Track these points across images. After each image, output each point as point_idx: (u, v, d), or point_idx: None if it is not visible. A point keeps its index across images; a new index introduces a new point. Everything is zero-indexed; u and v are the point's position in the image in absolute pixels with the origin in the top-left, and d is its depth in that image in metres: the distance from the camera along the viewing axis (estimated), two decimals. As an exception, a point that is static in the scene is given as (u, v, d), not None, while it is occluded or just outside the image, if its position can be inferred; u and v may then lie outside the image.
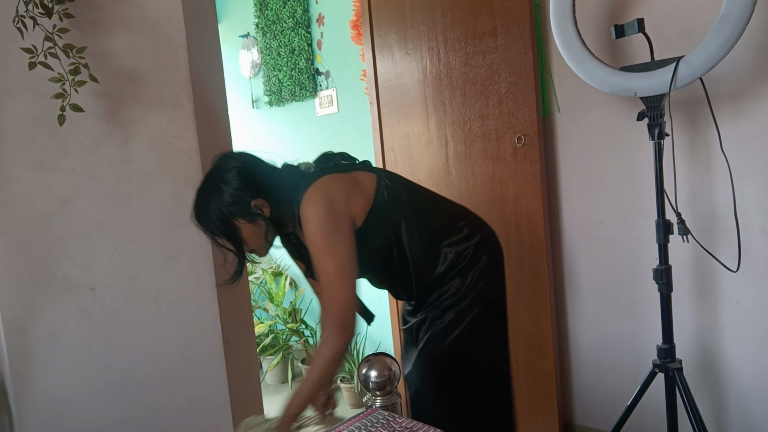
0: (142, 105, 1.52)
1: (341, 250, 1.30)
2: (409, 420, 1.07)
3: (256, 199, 1.33)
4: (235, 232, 1.33)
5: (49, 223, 1.45)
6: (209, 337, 1.64)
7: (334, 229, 1.30)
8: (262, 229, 1.35)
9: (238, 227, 1.33)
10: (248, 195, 1.32)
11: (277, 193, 1.36)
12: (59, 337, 1.48)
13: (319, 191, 1.33)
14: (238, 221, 1.32)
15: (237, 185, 1.32)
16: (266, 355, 3.33)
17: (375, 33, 2.61)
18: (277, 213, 1.36)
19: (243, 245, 1.36)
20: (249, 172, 1.35)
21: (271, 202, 1.35)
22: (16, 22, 1.27)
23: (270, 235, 1.38)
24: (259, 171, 1.38)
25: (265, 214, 1.34)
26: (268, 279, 3.40)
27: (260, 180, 1.36)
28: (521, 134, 2.16)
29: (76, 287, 1.49)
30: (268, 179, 1.37)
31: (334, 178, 1.38)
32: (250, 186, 1.33)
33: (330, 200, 1.32)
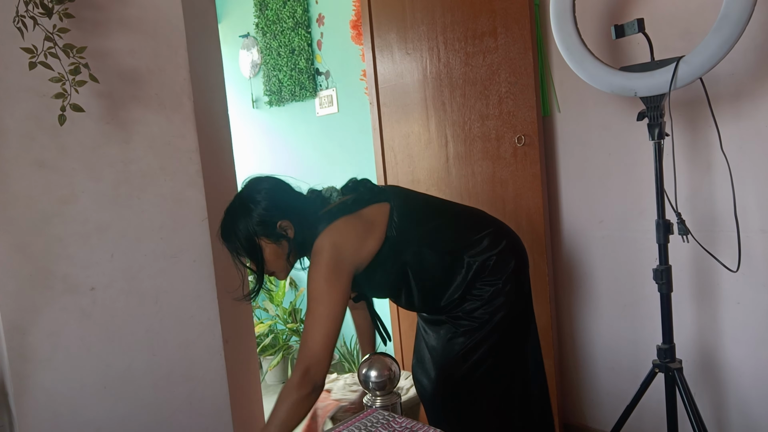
0: (142, 105, 1.52)
1: (336, 300, 1.31)
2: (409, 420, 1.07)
3: (282, 221, 1.37)
4: (259, 252, 1.38)
5: (49, 223, 1.45)
6: (209, 337, 1.64)
7: (334, 278, 1.32)
8: (285, 250, 1.40)
9: (262, 247, 1.38)
10: (275, 216, 1.37)
11: (302, 217, 1.40)
12: (59, 337, 1.48)
13: (331, 236, 1.36)
14: (262, 241, 1.37)
15: (265, 206, 1.37)
16: (266, 355, 3.33)
17: (375, 33, 2.61)
18: (301, 237, 1.40)
19: (264, 266, 1.40)
20: (277, 194, 1.41)
21: (295, 225, 1.39)
22: (16, 22, 1.27)
23: (292, 257, 1.42)
24: (287, 194, 1.43)
25: (289, 236, 1.39)
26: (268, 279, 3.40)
27: (287, 203, 1.41)
28: (521, 134, 2.15)
29: (76, 287, 1.49)
30: (294, 203, 1.42)
31: (349, 222, 1.40)
32: (277, 207, 1.38)
33: (339, 248, 1.34)
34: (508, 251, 1.49)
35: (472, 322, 1.45)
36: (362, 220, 1.42)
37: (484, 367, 1.45)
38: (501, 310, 1.44)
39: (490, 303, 1.44)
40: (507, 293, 1.45)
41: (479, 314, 1.44)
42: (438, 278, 1.45)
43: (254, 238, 1.37)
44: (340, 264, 1.33)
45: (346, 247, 1.36)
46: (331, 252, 1.33)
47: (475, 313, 1.45)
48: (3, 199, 1.40)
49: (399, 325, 2.75)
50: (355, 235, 1.39)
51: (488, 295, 1.44)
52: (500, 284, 1.45)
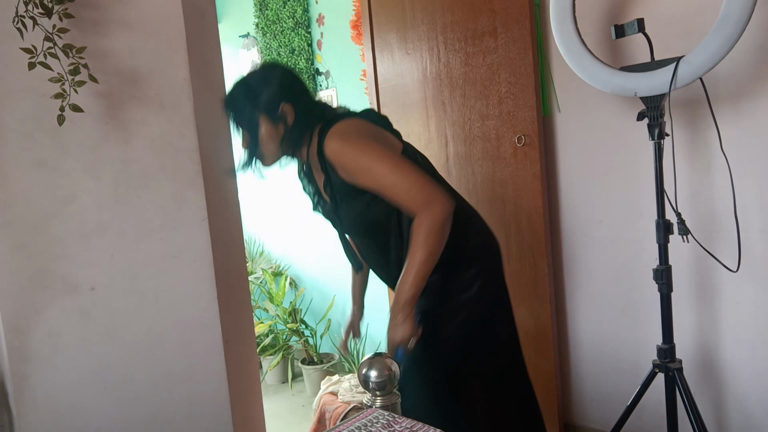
0: (142, 105, 1.52)
1: (384, 152, 1.33)
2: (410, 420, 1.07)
3: (284, 104, 1.41)
4: (256, 128, 1.42)
5: (49, 223, 1.45)
6: (209, 337, 1.64)
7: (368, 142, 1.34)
8: (280, 134, 1.43)
9: (260, 124, 1.42)
10: (280, 97, 1.41)
11: (305, 107, 1.44)
12: (59, 337, 1.48)
13: (345, 125, 1.38)
14: (262, 118, 1.41)
15: (276, 85, 1.42)
16: (266, 355, 3.33)
17: (375, 33, 2.61)
18: (298, 128, 1.43)
19: (258, 143, 1.44)
20: (289, 79, 1.46)
21: (296, 112, 1.42)
22: (15, 22, 1.27)
23: (285, 145, 1.45)
24: (298, 84, 1.48)
25: (288, 121, 1.42)
26: (268, 279, 3.40)
27: (295, 90, 1.45)
28: (521, 134, 2.15)
29: (76, 287, 1.49)
30: (302, 94, 1.47)
31: (363, 122, 1.43)
32: (286, 90, 1.43)
33: (358, 129, 1.38)
34: (487, 250, 1.53)
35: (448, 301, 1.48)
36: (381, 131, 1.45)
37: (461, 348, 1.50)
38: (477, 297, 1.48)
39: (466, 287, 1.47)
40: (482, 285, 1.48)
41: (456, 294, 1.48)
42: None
43: (256, 113, 1.41)
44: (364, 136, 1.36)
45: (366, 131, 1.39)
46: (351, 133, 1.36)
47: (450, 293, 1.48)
48: (3, 199, 1.40)
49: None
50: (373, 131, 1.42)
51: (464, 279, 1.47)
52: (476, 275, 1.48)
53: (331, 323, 3.28)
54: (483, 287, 1.47)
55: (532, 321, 2.22)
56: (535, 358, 2.23)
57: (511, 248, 2.25)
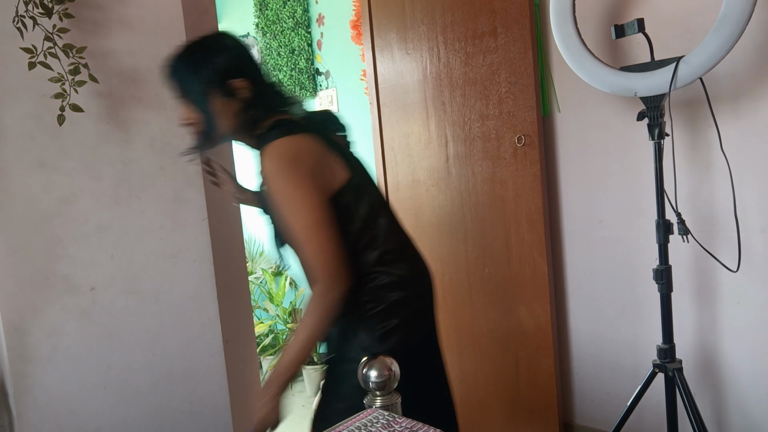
0: (142, 105, 1.52)
1: (312, 203, 1.20)
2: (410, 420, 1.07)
3: (239, 79, 1.26)
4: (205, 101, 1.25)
5: (49, 223, 1.45)
6: (209, 337, 1.64)
7: (301, 183, 1.20)
8: (232, 110, 1.27)
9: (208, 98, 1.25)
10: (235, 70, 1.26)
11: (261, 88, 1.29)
12: (59, 337, 1.48)
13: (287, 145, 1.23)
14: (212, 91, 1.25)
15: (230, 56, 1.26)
16: (266, 355, 3.33)
17: (375, 33, 2.61)
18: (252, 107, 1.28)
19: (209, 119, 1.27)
20: (246, 54, 1.30)
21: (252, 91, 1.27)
22: (15, 22, 1.28)
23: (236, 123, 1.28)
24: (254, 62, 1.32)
25: (242, 97, 1.26)
26: (268, 279, 3.40)
27: (252, 68, 1.30)
28: (521, 134, 2.15)
29: (76, 287, 1.49)
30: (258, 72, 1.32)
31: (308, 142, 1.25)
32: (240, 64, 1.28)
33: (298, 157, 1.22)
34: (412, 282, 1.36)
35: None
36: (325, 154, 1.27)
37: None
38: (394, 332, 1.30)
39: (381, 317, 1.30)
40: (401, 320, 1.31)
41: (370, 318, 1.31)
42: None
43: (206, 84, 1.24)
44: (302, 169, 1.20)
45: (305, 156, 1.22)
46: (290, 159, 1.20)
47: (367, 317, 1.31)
48: (3, 199, 1.40)
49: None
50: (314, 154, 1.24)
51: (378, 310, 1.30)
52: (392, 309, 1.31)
53: (331, 323, 3.28)
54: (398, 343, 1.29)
55: (532, 321, 2.22)
56: (535, 358, 2.24)
57: (511, 248, 2.25)
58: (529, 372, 2.27)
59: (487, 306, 2.37)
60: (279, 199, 1.22)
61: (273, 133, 1.25)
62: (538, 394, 2.26)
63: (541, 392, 2.25)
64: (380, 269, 1.31)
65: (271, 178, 1.21)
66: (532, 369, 2.25)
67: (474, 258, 2.37)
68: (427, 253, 1.44)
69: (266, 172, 1.22)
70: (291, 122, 1.29)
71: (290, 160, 1.21)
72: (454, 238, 2.42)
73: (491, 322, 2.36)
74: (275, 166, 1.21)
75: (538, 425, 2.26)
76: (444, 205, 2.45)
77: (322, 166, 1.26)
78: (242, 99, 1.27)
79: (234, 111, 1.28)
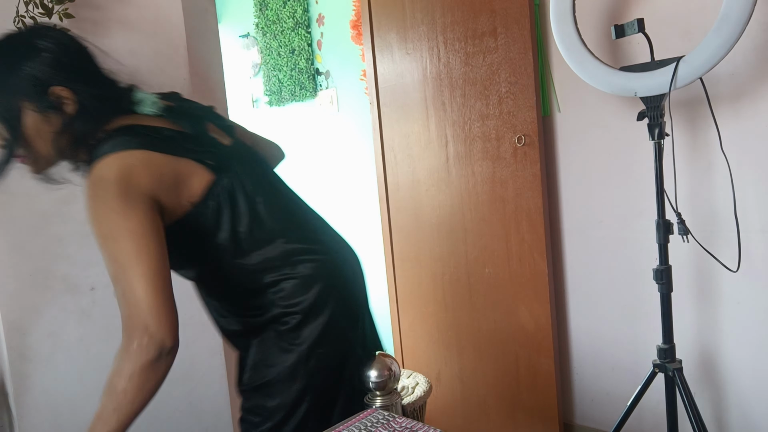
0: (142, 105, 1.52)
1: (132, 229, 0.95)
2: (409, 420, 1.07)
3: (60, 87, 1.01)
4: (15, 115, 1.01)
5: (49, 223, 1.45)
6: (209, 337, 1.64)
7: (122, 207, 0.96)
8: (52, 128, 1.03)
9: (22, 112, 1.01)
10: (52, 77, 1.01)
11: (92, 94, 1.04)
12: (59, 337, 1.48)
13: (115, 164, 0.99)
14: (25, 103, 1.01)
15: (45, 59, 1.01)
16: (266, 355, 3.32)
17: (375, 33, 2.61)
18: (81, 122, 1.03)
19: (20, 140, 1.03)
20: (68, 52, 1.05)
21: (79, 102, 1.03)
22: (16, 22, 1.28)
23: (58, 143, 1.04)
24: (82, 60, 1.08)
25: (66, 110, 1.02)
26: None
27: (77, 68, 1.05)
28: (521, 134, 2.16)
29: (76, 287, 1.49)
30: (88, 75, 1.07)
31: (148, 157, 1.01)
32: (60, 67, 1.02)
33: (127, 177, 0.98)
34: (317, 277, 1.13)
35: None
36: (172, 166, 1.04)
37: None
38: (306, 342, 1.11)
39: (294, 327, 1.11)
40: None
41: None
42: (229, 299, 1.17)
43: (15, 96, 1.00)
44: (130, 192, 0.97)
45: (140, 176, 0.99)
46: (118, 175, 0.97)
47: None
48: (3, 199, 1.40)
49: (399, 325, 2.75)
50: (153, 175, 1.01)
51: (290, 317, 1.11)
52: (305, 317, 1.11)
53: (331, 323, 3.28)
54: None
55: (532, 321, 2.22)
56: (535, 358, 2.24)
57: (511, 248, 2.25)
58: (529, 372, 2.27)
59: (487, 306, 2.37)
60: (93, 230, 0.99)
61: (103, 148, 1.01)
62: (538, 394, 2.26)
63: (541, 392, 2.25)
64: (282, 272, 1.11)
65: (88, 203, 0.99)
66: (532, 369, 2.25)
67: (474, 258, 2.37)
68: (427, 253, 1.45)
69: (86, 196, 0.99)
70: (131, 130, 1.05)
71: (115, 181, 0.97)
72: (454, 238, 2.42)
73: (491, 322, 2.36)
74: (92, 190, 0.99)
75: (538, 425, 2.27)
76: (444, 205, 2.45)
77: (170, 178, 1.03)
78: (64, 112, 1.03)
79: (56, 127, 1.03)
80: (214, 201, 1.07)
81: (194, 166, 1.06)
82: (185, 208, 1.05)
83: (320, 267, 1.14)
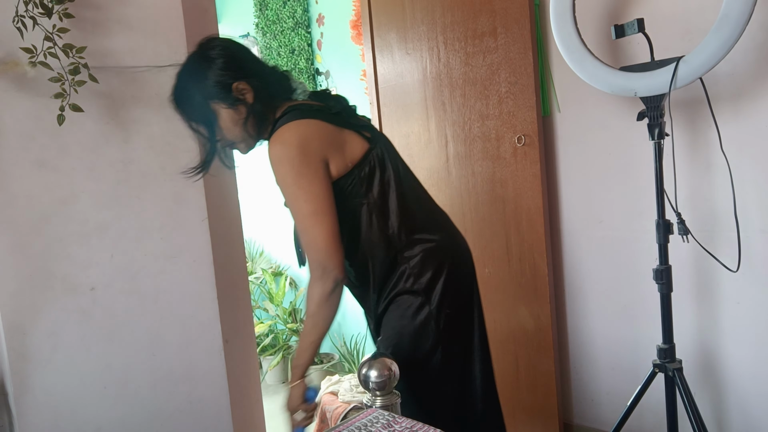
0: (142, 105, 1.52)
1: (315, 191, 1.22)
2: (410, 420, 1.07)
3: (238, 82, 1.27)
4: (212, 118, 1.28)
5: (49, 223, 1.45)
6: (209, 337, 1.64)
7: (306, 170, 1.22)
8: (242, 116, 1.29)
9: (217, 113, 1.28)
10: (230, 77, 1.26)
11: (262, 82, 1.30)
12: (59, 337, 1.48)
13: (294, 131, 1.25)
14: (217, 105, 1.27)
15: (220, 65, 1.26)
16: (266, 355, 3.33)
17: (375, 33, 2.61)
18: (260, 104, 1.29)
19: (220, 134, 1.31)
20: (234, 53, 1.30)
21: (254, 89, 1.28)
22: (15, 22, 1.28)
23: (250, 125, 1.30)
24: (245, 56, 1.33)
25: (247, 100, 1.28)
26: (268, 279, 3.40)
27: (245, 64, 1.30)
28: (521, 134, 2.16)
29: (76, 287, 1.49)
30: (254, 66, 1.32)
31: (319, 125, 1.27)
32: (233, 67, 1.27)
33: (305, 142, 1.23)
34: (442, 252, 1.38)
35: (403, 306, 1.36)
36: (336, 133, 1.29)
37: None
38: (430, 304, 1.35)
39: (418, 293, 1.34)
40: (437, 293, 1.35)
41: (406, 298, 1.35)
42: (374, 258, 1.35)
43: (208, 102, 1.27)
44: (308, 156, 1.22)
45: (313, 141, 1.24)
46: (296, 146, 1.22)
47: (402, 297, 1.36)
48: (3, 199, 1.40)
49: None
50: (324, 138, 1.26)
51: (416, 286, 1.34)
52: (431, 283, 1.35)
53: (331, 323, 3.28)
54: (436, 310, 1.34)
55: (532, 321, 2.22)
56: (535, 358, 2.24)
57: (511, 248, 2.25)
58: (529, 372, 2.27)
59: (487, 306, 2.35)
60: (283, 187, 1.25)
61: (281, 120, 1.28)
62: (537, 393, 2.26)
63: (540, 392, 2.25)
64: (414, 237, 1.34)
65: (276, 166, 1.24)
66: (532, 369, 2.25)
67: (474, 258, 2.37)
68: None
69: (272, 160, 1.24)
70: (299, 107, 1.30)
71: (296, 146, 1.23)
72: (454, 238, 2.42)
73: (491, 323, 2.35)
74: (279, 153, 1.24)
75: (538, 425, 2.27)
76: (444, 205, 2.42)
77: (337, 143, 1.28)
78: (247, 102, 1.28)
79: (243, 115, 1.29)
80: (369, 164, 1.31)
81: (354, 136, 1.32)
82: (348, 168, 1.29)
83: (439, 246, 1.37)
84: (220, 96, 1.27)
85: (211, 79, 1.26)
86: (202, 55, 1.29)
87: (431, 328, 1.33)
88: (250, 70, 1.30)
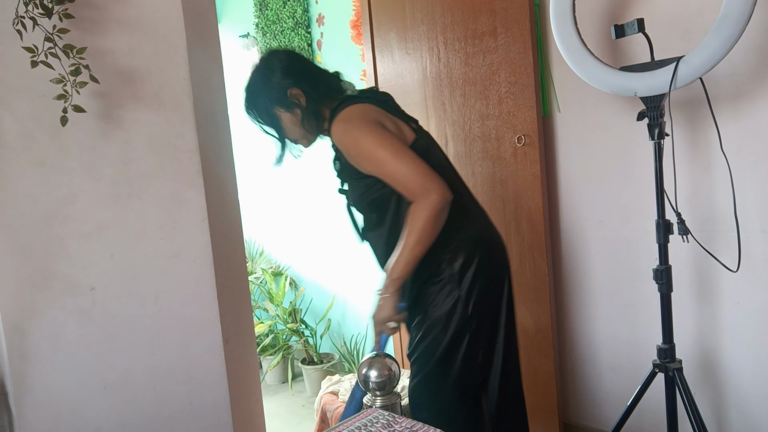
0: (142, 105, 1.52)
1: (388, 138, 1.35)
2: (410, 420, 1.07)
3: (292, 89, 1.48)
4: (276, 121, 1.51)
5: (49, 223, 1.45)
6: (209, 337, 1.64)
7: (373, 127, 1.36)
8: (299, 117, 1.50)
9: (279, 116, 1.51)
10: (287, 84, 1.48)
11: (314, 85, 1.50)
12: (59, 337, 1.48)
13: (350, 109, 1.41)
14: (278, 110, 1.50)
15: (280, 75, 1.48)
16: (266, 355, 3.33)
17: (375, 33, 2.61)
18: (312, 104, 1.48)
19: (285, 134, 1.54)
20: (291, 63, 1.51)
21: (306, 93, 1.48)
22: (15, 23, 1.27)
23: (308, 125, 1.50)
24: (301, 64, 1.54)
25: (302, 103, 1.49)
26: (268, 279, 3.40)
27: (300, 72, 1.51)
28: (521, 134, 2.16)
29: (76, 287, 1.49)
30: (305, 72, 1.52)
31: (372, 107, 1.44)
32: (289, 75, 1.49)
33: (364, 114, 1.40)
34: (481, 245, 1.49)
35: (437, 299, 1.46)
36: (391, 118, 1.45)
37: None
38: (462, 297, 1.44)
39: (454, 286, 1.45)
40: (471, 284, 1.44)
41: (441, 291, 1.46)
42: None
43: (271, 108, 1.49)
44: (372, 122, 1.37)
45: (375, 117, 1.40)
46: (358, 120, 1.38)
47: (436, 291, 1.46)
48: (3, 199, 1.40)
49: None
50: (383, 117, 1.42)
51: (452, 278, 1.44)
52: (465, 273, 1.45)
53: (331, 323, 3.28)
54: (473, 285, 1.44)
55: (532, 321, 2.22)
56: (535, 358, 2.24)
57: (511, 248, 2.25)
58: (529, 372, 2.26)
59: (487, 306, 2.36)
60: (357, 152, 1.38)
61: (336, 110, 1.44)
62: (538, 394, 2.26)
63: (541, 392, 2.25)
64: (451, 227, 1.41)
65: (344, 138, 1.39)
66: (532, 369, 2.25)
67: (474, 258, 2.37)
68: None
69: (339, 139, 1.40)
70: (350, 96, 1.49)
71: (357, 118, 1.39)
72: (454, 238, 2.42)
73: (491, 322, 2.36)
74: (342, 127, 1.39)
75: (538, 425, 2.27)
76: (444, 205, 2.45)
77: (392, 122, 1.43)
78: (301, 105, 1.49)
79: (300, 116, 1.49)
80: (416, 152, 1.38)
81: (403, 124, 1.48)
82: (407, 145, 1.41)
83: (473, 237, 1.48)
84: (278, 102, 1.49)
85: (270, 89, 1.49)
86: (265, 66, 1.52)
87: (459, 313, 1.42)
88: (304, 77, 1.50)
